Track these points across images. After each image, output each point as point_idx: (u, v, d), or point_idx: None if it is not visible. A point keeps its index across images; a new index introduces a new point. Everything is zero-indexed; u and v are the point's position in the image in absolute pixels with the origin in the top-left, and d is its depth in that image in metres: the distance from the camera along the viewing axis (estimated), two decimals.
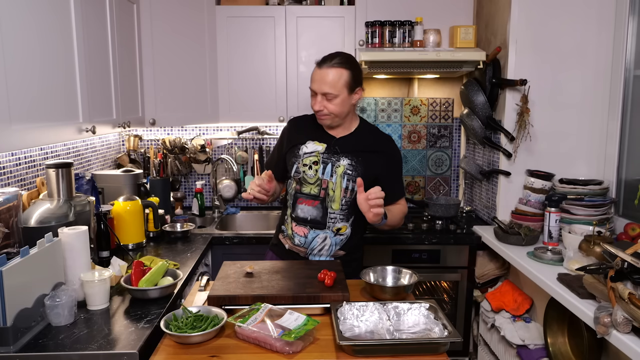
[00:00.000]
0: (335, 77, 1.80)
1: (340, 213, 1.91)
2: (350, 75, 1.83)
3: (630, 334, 1.44)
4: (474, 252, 2.63)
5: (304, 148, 1.93)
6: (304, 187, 1.92)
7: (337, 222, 1.92)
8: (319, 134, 1.95)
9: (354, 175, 1.88)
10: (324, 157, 1.90)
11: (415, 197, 3.25)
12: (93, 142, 2.74)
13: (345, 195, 1.90)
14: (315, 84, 1.84)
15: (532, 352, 2.15)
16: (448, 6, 2.82)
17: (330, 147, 1.91)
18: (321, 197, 1.90)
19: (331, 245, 1.93)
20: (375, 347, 1.31)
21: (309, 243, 1.94)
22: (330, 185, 1.89)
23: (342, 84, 1.82)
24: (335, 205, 1.90)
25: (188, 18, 2.73)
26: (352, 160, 1.89)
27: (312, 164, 1.90)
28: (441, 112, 3.19)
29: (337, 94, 1.82)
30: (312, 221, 1.92)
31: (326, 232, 1.92)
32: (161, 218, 2.50)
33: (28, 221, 1.68)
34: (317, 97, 1.84)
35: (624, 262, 1.46)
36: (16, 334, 1.31)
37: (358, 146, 1.92)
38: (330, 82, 1.80)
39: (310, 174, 1.90)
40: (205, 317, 1.43)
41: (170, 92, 2.73)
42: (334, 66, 1.81)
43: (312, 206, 1.92)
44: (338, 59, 1.83)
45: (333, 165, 1.89)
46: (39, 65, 1.59)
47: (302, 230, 1.94)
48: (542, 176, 2.45)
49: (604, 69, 2.44)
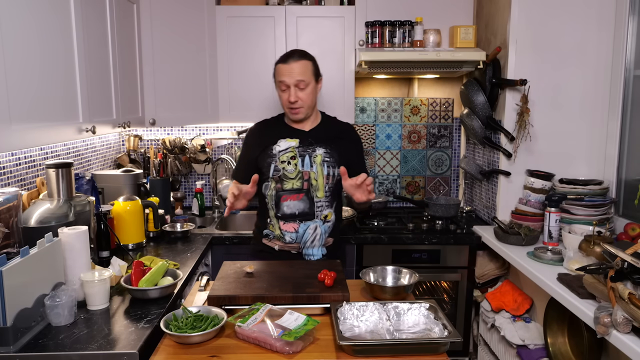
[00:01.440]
0: (303, 67, 1.94)
1: (326, 200, 2.00)
2: (314, 65, 1.99)
3: (630, 334, 1.44)
4: (474, 252, 2.63)
5: (277, 147, 2.00)
6: (285, 184, 1.98)
7: (324, 210, 2.00)
8: (288, 131, 2.04)
9: (332, 162, 2.00)
10: (300, 151, 2.00)
11: (415, 197, 3.25)
12: (93, 142, 2.74)
13: (327, 182, 2.00)
14: (286, 77, 1.94)
15: (532, 352, 2.15)
16: (448, 6, 2.82)
17: (303, 140, 2.00)
18: (305, 189, 1.98)
19: (321, 234, 2.01)
20: (375, 347, 1.31)
21: (301, 237, 1.99)
22: (312, 175, 1.98)
23: (310, 73, 1.96)
24: (320, 193, 1.99)
25: (188, 18, 2.73)
26: (326, 148, 2.01)
27: (290, 159, 1.99)
28: (441, 112, 3.19)
29: (308, 82, 1.94)
30: (301, 214, 1.98)
31: (316, 222, 1.99)
32: (161, 218, 2.50)
33: (28, 221, 1.68)
34: (290, 89, 1.94)
35: (624, 262, 1.46)
36: (16, 334, 1.31)
37: (329, 135, 2.04)
38: (301, 72, 1.93)
39: (290, 169, 1.98)
40: (205, 317, 1.43)
41: (170, 92, 2.73)
42: (298, 59, 1.94)
43: (297, 200, 1.98)
44: (299, 54, 1.97)
45: (310, 156, 1.99)
46: (39, 65, 1.59)
47: (292, 226, 1.99)
48: (542, 176, 2.45)
49: (604, 69, 2.44)
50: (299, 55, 1.96)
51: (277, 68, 1.97)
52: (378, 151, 3.22)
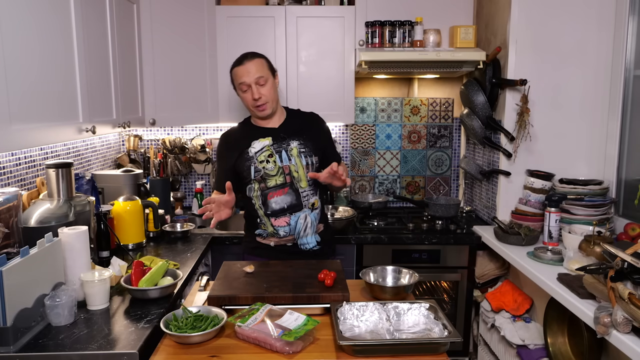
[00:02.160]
0: (259, 65, 2.01)
1: (310, 189, 2.06)
2: (267, 62, 2.06)
3: (630, 334, 1.44)
4: (474, 252, 2.63)
5: (252, 149, 2.04)
6: (269, 182, 2.03)
7: (310, 198, 2.06)
8: (258, 132, 2.08)
9: (307, 151, 2.06)
10: (275, 147, 2.04)
11: (415, 197, 3.25)
12: (93, 142, 2.74)
13: (308, 171, 2.05)
14: (245, 77, 2.00)
15: (532, 352, 2.15)
16: (448, 6, 2.82)
17: (275, 137, 2.05)
18: (288, 183, 2.03)
19: (312, 222, 2.06)
20: (375, 347, 1.31)
21: (294, 228, 2.04)
22: (292, 168, 2.03)
23: (267, 69, 2.03)
24: (303, 183, 2.04)
25: (188, 18, 2.73)
26: (299, 139, 2.07)
27: (268, 157, 2.03)
28: (441, 112, 3.19)
29: (267, 77, 2.01)
30: (290, 207, 2.03)
31: (305, 211, 2.05)
32: (161, 218, 2.50)
33: (28, 221, 1.68)
34: (252, 87, 1.99)
35: (624, 262, 1.46)
36: (16, 334, 1.31)
37: (298, 126, 2.10)
38: (258, 69, 1.99)
39: (270, 167, 2.02)
40: (205, 317, 1.43)
41: (170, 92, 2.73)
42: (252, 58, 2.02)
43: (283, 194, 2.03)
44: (251, 54, 2.04)
45: (286, 150, 2.04)
46: (39, 65, 1.59)
47: (284, 220, 2.03)
48: (542, 176, 2.45)
49: (604, 69, 2.44)
50: (252, 55, 2.02)
51: (234, 72, 2.04)
52: (378, 151, 3.22)
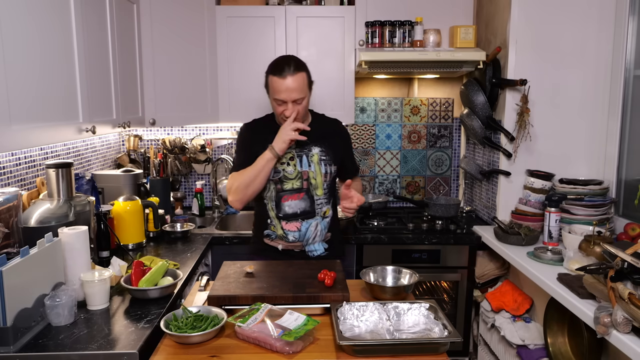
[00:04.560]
0: (300, 83, 1.90)
1: (324, 197, 2.05)
2: (308, 75, 1.97)
3: (630, 334, 1.44)
4: (474, 252, 2.63)
5: None
6: (285, 184, 2.01)
7: (323, 207, 2.05)
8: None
9: (327, 160, 2.04)
10: (297, 151, 2.02)
11: (415, 197, 3.25)
12: (93, 142, 2.74)
13: (325, 179, 2.05)
14: (283, 94, 1.90)
15: (532, 352, 2.15)
16: (448, 6, 2.82)
17: (298, 141, 1.98)
18: (305, 188, 2.02)
19: (322, 230, 2.05)
20: (375, 347, 1.31)
21: (304, 235, 2.03)
22: (311, 174, 2.02)
23: (306, 85, 1.95)
24: (319, 191, 2.04)
25: (188, 18, 2.73)
26: (321, 146, 2.04)
27: (289, 160, 2.01)
28: (441, 112, 3.19)
29: (304, 96, 1.94)
30: (303, 213, 2.02)
31: (316, 219, 2.04)
32: (161, 218, 2.50)
33: (28, 221, 1.68)
34: (288, 104, 1.91)
35: (624, 262, 1.46)
36: (16, 334, 1.31)
37: (321, 133, 2.06)
38: (299, 88, 1.90)
39: (290, 170, 2.00)
40: (205, 317, 1.43)
41: (170, 92, 2.73)
42: (294, 73, 1.89)
43: (298, 199, 2.01)
44: (294, 65, 1.91)
45: (307, 155, 2.03)
46: (39, 65, 1.59)
47: (295, 225, 2.02)
48: (542, 176, 2.45)
49: (604, 69, 2.43)
50: (295, 68, 1.90)
51: (272, 81, 1.92)
52: (378, 151, 3.22)
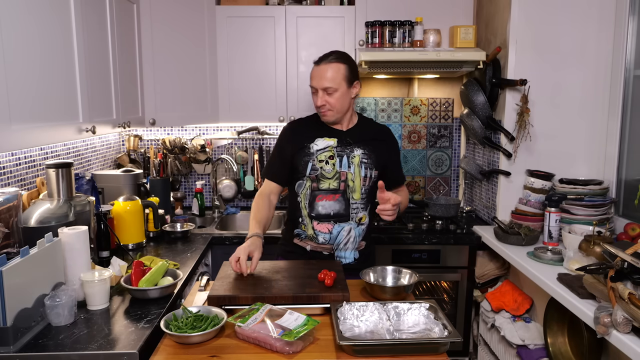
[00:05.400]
0: (333, 72, 1.88)
1: (361, 202, 1.96)
2: (348, 69, 1.90)
3: (630, 334, 1.44)
4: (474, 252, 2.63)
5: (315, 146, 1.95)
6: (322, 184, 1.94)
7: (359, 212, 1.96)
8: (326, 130, 1.98)
9: (369, 163, 1.95)
10: (338, 151, 1.95)
11: (415, 197, 3.25)
12: (93, 142, 2.74)
13: (364, 184, 1.95)
14: (314, 80, 1.90)
15: (532, 352, 2.15)
16: (448, 6, 2.82)
17: (341, 140, 1.96)
18: (341, 190, 1.94)
19: (355, 237, 1.97)
20: (375, 347, 1.31)
21: (335, 238, 1.95)
22: (350, 176, 1.94)
23: (341, 78, 1.89)
24: (356, 195, 1.95)
25: (188, 18, 2.73)
26: (364, 149, 1.96)
27: (328, 158, 1.94)
28: (441, 112, 3.19)
29: (337, 88, 1.88)
30: (336, 215, 1.94)
31: (350, 224, 1.95)
32: (161, 218, 2.50)
33: (28, 221, 1.68)
34: (319, 92, 1.90)
35: (624, 262, 1.46)
36: (16, 334, 1.31)
37: (366, 136, 1.99)
38: (330, 77, 1.87)
39: (328, 169, 1.93)
40: (205, 317, 1.43)
41: (170, 92, 2.73)
42: (331, 62, 1.89)
43: (333, 200, 1.94)
44: (334, 56, 1.91)
45: (348, 156, 1.95)
46: (39, 65, 1.59)
47: (326, 226, 1.95)
48: (542, 176, 2.45)
49: (604, 69, 2.43)
50: (334, 58, 1.90)
51: (312, 69, 1.93)
52: None
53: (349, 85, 1.91)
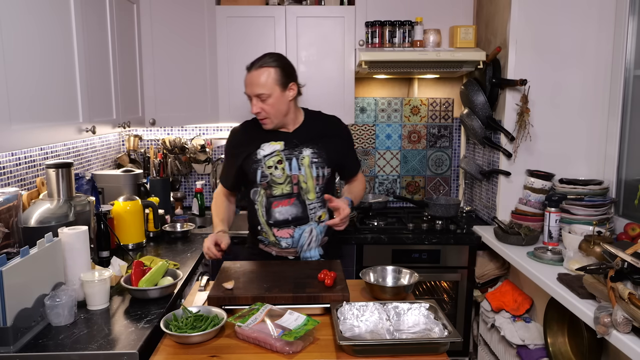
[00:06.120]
0: (263, 77, 1.81)
1: (317, 202, 1.92)
2: (280, 72, 1.84)
3: (630, 334, 1.44)
4: (474, 252, 2.63)
5: (261, 152, 1.91)
6: (274, 190, 1.90)
7: (317, 211, 1.93)
8: (271, 134, 1.93)
9: (320, 162, 1.91)
10: (286, 154, 1.90)
11: (415, 197, 3.25)
12: (93, 142, 2.74)
13: (318, 183, 1.91)
14: (247, 87, 1.85)
15: (532, 352, 2.15)
16: (448, 6, 2.82)
17: (288, 142, 1.91)
18: (295, 193, 1.90)
19: (317, 235, 1.94)
20: (375, 347, 1.31)
21: (297, 241, 1.92)
22: (301, 178, 1.89)
23: (272, 82, 1.82)
24: (311, 195, 1.91)
25: (188, 18, 2.73)
26: (313, 148, 1.91)
27: (277, 163, 1.89)
28: (441, 112, 3.19)
29: (269, 93, 1.82)
30: (295, 219, 1.91)
31: (310, 225, 1.92)
32: (161, 218, 2.50)
33: (28, 221, 1.68)
34: (252, 100, 1.85)
35: (624, 262, 1.46)
36: (16, 334, 1.31)
37: (314, 134, 1.93)
38: (261, 83, 1.81)
39: (278, 174, 1.89)
40: (205, 317, 1.43)
41: (170, 92, 2.73)
42: (261, 67, 1.83)
43: (289, 205, 1.90)
44: (265, 60, 1.84)
45: (297, 158, 1.89)
46: (39, 65, 1.59)
47: (287, 232, 1.92)
48: (542, 176, 2.45)
49: (604, 69, 2.43)
50: (264, 63, 1.83)
51: (245, 75, 1.87)
52: (378, 151, 3.22)
53: (282, 88, 1.84)
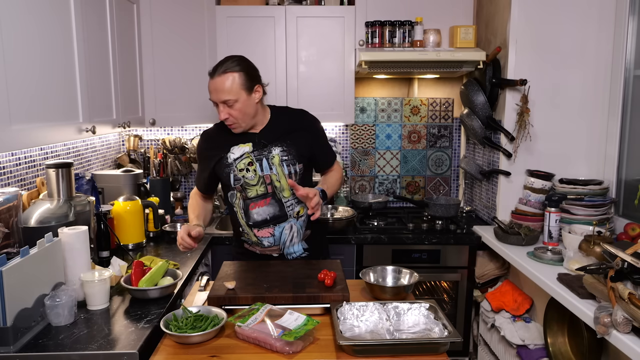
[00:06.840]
0: (228, 83, 1.79)
1: (294, 198, 1.91)
2: (244, 76, 1.82)
3: (630, 334, 1.44)
4: (474, 252, 2.63)
5: (231, 155, 1.90)
6: (249, 192, 1.90)
7: (295, 207, 1.92)
8: (239, 136, 1.91)
9: (290, 159, 1.90)
10: (256, 155, 1.89)
11: (415, 197, 3.25)
12: (93, 142, 2.74)
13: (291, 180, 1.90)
14: (212, 94, 1.83)
15: (532, 352, 2.15)
16: (448, 6, 2.82)
17: (256, 143, 1.90)
18: (270, 193, 1.90)
19: (299, 230, 1.94)
20: (375, 347, 1.31)
21: (279, 239, 1.93)
22: (274, 177, 1.89)
23: (238, 87, 1.80)
24: (286, 193, 1.90)
25: (188, 18, 2.73)
26: (282, 146, 1.90)
27: (248, 165, 1.88)
28: (441, 112, 3.19)
29: (236, 98, 1.80)
30: (273, 218, 1.90)
31: (290, 221, 1.92)
32: (161, 218, 2.50)
33: (28, 221, 1.68)
34: (219, 107, 1.83)
35: (624, 262, 1.46)
36: (16, 334, 1.31)
37: (281, 132, 1.92)
38: (225, 89, 1.79)
39: (250, 176, 1.88)
40: (205, 317, 1.43)
41: (171, 92, 2.73)
42: (225, 72, 1.80)
43: (266, 205, 1.90)
44: (227, 64, 1.82)
45: (267, 158, 1.89)
46: (39, 65, 1.59)
47: (267, 231, 1.92)
48: (542, 176, 2.45)
49: (604, 69, 2.43)
50: (227, 68, 1.80)
51: (209, 82, 1.83)
52: (378, 151, 3.22)
53: (248, 92, 1.82)
